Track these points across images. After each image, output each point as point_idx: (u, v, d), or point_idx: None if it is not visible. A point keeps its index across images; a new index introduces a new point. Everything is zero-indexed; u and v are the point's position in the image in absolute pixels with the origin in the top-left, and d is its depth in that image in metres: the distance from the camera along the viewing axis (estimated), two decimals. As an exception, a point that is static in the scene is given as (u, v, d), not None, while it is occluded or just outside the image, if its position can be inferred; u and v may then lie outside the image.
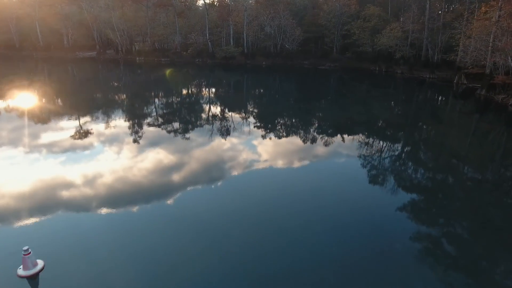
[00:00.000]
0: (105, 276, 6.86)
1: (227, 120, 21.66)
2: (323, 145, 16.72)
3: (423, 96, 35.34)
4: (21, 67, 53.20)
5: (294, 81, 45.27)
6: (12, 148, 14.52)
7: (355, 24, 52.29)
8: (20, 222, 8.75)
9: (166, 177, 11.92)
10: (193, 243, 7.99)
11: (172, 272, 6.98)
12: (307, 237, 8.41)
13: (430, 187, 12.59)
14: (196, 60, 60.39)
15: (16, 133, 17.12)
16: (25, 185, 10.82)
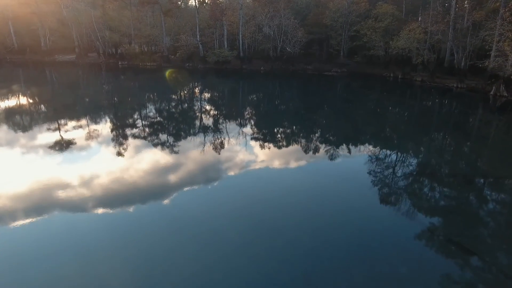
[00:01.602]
0: (100, 277, 6.81)
1: (220, 131, 18.98)
2: (324, 156, 15.26)
3: (449, 108, 29.35)
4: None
5: (296, 89, 39.16)
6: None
7: (365, 25, 46.18)
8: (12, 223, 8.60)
9: (158, 180, 11.76)
10: (189, 244, 7.98)
11: (167, 274, 6.94)
12: (304, 239, 8.30)
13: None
14: (186, 64, 54.06)
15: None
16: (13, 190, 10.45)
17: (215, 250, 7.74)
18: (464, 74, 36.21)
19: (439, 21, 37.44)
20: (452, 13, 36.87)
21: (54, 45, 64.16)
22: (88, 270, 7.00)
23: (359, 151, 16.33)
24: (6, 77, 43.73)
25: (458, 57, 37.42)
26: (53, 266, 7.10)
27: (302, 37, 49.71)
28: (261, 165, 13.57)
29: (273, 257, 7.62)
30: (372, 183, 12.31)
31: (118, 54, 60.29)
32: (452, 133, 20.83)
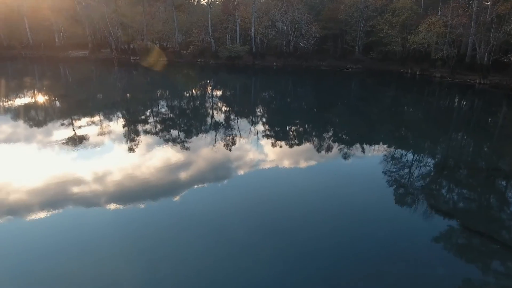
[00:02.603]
0: (109, 272, 6.75)
1: (232, 128, 18.52)
2: (337, 156, 14.61)
3: (470, 105, 28.20)
4: (9, 67, 48.11)
5: (309, 85, 38.33)
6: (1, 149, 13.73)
7: (382, 19, 44.82)
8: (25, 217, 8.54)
9: (169, 177, 11.48)
10: (197, 242, 7.77)
11: (174, 271, 6.83)
12: (315, 240, 7.98)
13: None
14: (197, 60, 53.66)
15: (11, 135, 16.03)
16: (25, 184, 10.29)
17: (223, 249, 7.58)
18: (487, 69, 34.68)
19: (460, 14, 35.95)
20: (474, 5, 35.32)
21: (68, 41, 64.63)
22: (98, 265, 6.87)
23: (373, 150, 15.59)
24: (22, 72, 44.20)
25: (481, 51, 35.83)
26: (64, 260, 6.98)
27: (316, 33, 48.62)
28: (272, 164, 13.10)
29: (281, 258, 7.35)
30: (387, 183, 11.76)
31: (130, 50, 60.32)
32: (474, 132, 19.81)
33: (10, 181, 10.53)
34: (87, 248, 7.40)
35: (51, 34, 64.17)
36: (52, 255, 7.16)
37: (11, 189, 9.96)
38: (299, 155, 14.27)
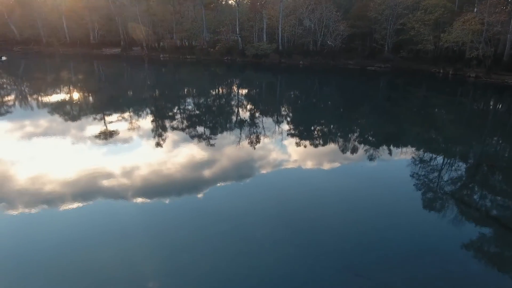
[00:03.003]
0: (131, 263, 7.01)
1: (255, 125, 19.00)
2: (363, 157, 14.31)
3: (508, 107, 26.80)
4: (48, 63, 50.82)
5: (335, 84, 37.92)
6: (39, 142, 14.56)
7: (413, 17, 43.44)
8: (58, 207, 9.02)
9: (193, 173, 11.79)
10: (217, 239, 7.90)
11: (194, 265, 6.97)
12: (337, 243, 7.98)
13: None
14: (224, 58, 54.34)
15: (47, 128, 16.97)
16: (59, 176, 10.96)
17: (242, 247, 7.67)
18: (526, 70, 32.88)
19: (498, 11, 34.21)
20: (514, 3, 33.52)
21: (102, 39, 67.40)
22: (121, 256, 7.14)
23: (401, 153, 15.20)
24: (59, 68, 46.61)
25: (520, 51, 34.01)
26: (91, 249, 7.31)
27: (344, 31, 47.89)
28: (295, 164, 13.07)
29: (300, 259, 7.34)
30: (415, 186, 11.45)
31: (160, 48, 61.96)
32: (511, 136, 18.90)
33: (45, 172, 11.20)
34: (113, 238, 7.78)
35: (86, 32, 67.13)
36: (81, 243, 7.57)
37: (46, 180, 10.61)
38: (323, 156, 14.17)
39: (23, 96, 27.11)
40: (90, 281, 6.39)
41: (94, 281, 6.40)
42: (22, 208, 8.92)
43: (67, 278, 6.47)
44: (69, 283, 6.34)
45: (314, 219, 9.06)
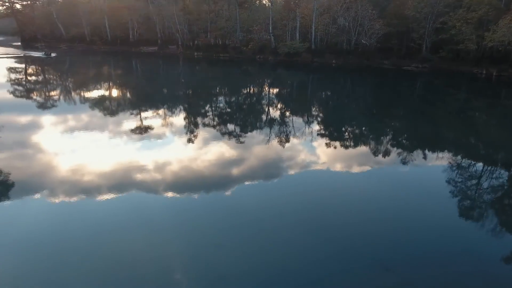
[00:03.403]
0: (158, 255, 7.25)
1: (286, 124, 19.22)
2: (396, 161, 13.86)
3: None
4: (90, 60, 53.86)
5: (369, 84, 37.04)
6: (80, 135, 15.54)
7: (455, 15, 41.38)
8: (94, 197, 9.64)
9: (223, 171, 12.03)
10: (243, 237, 8.07)
11: (218, 260, 7.11)
12: (365, 240, 8.02)
13: None
14: (257, 56, 54.73)
15: (88, 123, 18.04)
16: (96, 167, 11.75)
17: (269, 244, 7.72)
18: None
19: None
20: None
21: (140, 37, 70.12)
22: (150, 247, 7.46)
23: (437, 158, 14.60)
24: (100, 65, 49.29)
25: None
26: (121, 239, 7.74)
27: (380, 30, 46.57)
28: (324, 166, 12.97)
29: (329, 254, 7.40)
30: (451, 193, 11.03)
31: (194, 46, 63.48)
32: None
33: (84, 164, 11.96)
34: (142, 230, 8.18)
35: (126, 31, 70.15)
36: (112, 233, 8.04)
37: (85, 172, 11.36)
38: (353, 159, 13.96)
39: (67, 91, 29.03)
40: (118, 270, 6.81)
41: (122, 270, 6.81)
42: (61, 197, 9.63)
43: (96, 265, 6.91)
44: (98, 270, 6.78)
45: (343, 216, 9.14)
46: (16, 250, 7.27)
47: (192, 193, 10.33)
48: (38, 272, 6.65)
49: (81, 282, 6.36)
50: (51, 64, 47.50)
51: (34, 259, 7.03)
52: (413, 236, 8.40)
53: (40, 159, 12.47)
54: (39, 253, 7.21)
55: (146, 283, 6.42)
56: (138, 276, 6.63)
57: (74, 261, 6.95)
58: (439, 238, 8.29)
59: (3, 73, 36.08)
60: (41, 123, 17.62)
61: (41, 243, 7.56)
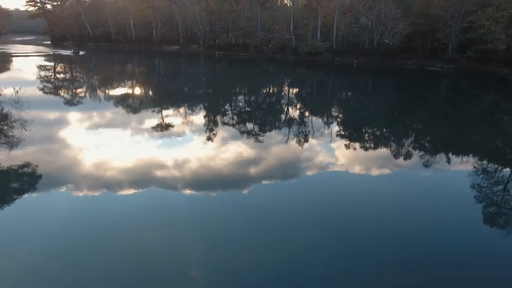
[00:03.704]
0: (175, 250, 7.49)
1: (304, 124, 19.26)
2: (416, 164, 13.48)
3: None
4: (116, 59, 55.57)
5: (391, 85, 36.36)
6: (104, 132, 16.18)
7: (484, 14, 39.87)
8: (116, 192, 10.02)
9: (240, 170, 12.22)
10: (259, 235, 8.13)
11: (234, 257, 7.20)
12: (387, 240, 8.00)
13: None
14: (277, 56, 54.71)
15: (108, 119, 18.75)
16: (119, 162, 12.26)
17: (283, 245, 7.75)
18: None
19: None
20: None
21: (163, 37, 71.58)
22: (167, 242, 7.69)
23: (461, 162, 14.09)
24: (124, 63, 50.75)
25: None
26: (140, 233, 8.03)
27: (403, 29, 45.51)
28: (343, 167, 12.83)
29: (349, 253, 7.37)
30: (475, 198, 10.72)
31: (215, 45, 64.17)
32: None
33: (107, 159, 12.46)
34: (160, 224, 8.45)
35: (150, 31, 71.83)
36: (132, 226, 8.36)
37: (108, 167, 11.85)
38: (373, 160, 13.74)
39: (92, 88, 30.10)
40: (136, 260, 7.08)
41: (140, 260, 7.08)
42: (85, 190, 10.06)
43: (115, 256, 7.23)
44: (116, 260, 7.10)
45: (362, 216, 9.13)
46: (41, 238, 7.70)
47: (210, 191, 10.53)
48: (60, 260, 7.02)
49: (101, 272, 6.67)
50: (79, 62, 49.33)
51: (57, 246, 7.43)
52: (435, 237, 8.30)
53: (65, 153, 13.07)
54: (61, 242, 7.61)
55: (163, 275, 6.66)
56: (155, 267, 6.88)
57: (93, 251, 7.28)
58: (462, 240, 8.19)
59: (34, 71, 37.79)
60: (67, 119, 18.42)
61: (64, 232, 7.97)
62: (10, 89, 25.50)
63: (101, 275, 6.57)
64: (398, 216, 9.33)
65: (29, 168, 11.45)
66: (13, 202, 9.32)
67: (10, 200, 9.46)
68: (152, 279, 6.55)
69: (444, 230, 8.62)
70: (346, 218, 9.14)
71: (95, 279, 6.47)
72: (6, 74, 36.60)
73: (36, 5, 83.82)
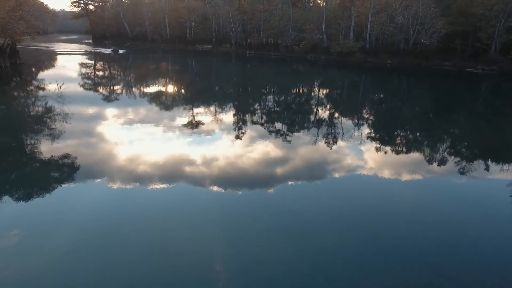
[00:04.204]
0: (199, 245, 7.61)
1: (334, 125, 18.94)
2: (452, 172, 12.85)
3: None
4: (151, 57, 57.69)
5: (427, 87, 34.95)
6: (137, 128, 16.85)
7: (532, 13, 37.35)
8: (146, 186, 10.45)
9: (267, 169, 12.36)
10: (284, 235, 8.14)
11: (258, 256, 7.31)
12: (416, 243, 7.87)
13: None
14: (308, 55, 54.32)
15: (142, 116, 19.53)
16: (150, 157, 12.70)
17: (305, 244, 7.79)
18: None
19: None
20: None
21: (196, 36, 73.29)
22: (191, 238, 7.95)
23: (501, 170, 13.27)
24: (159, 61, 52.52)
25: None
26: (165, 227, 8.35)
27: (442, 28, 43.60)
28: (373, 170, 12.50)
29: (376, 264, 7.18)
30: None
31: (247, 45, 64.77)
32: None
33: (139, 154, 13.00)
34: (186, 220, 8.70)
35: (184, 30, 73.80)
36: (158, 220, 8.66)
37: (140, 161, 12.39)
38: (404, 165, 13.30)
39: (128, 85, 31.48)
40: (160, 249, 7.40)
41: (164, 249, 7.39)
42: (118, 182, 10.62)
43: (142, 243, 7.57)
44: (143, 247, 7.41)
45: (393, 219, 8.99)
46: (76, 223, 8.27)
47: (236, 188, 10.72)
48: (92, 244, 7.50)
49: (128, 256, 7.07)
50: (117, 60, 51.73)
51: (90, 232, 7.95)
52: (469, 243, 8.05)
53: (101, 147, 13.86)
54: (94, 227, 8.13)
55: (186, 263, 6.97)
56: (179, 255, 7.21)
57: (123, 238, 7.73)
58: (498, 248, 7.90)
59: (76, 68, 40.11)
60: (104, 114, 19.45)
61: (97, 219, 8.53)
62: (54, 85, 27.28)
63: (128, 260, 6.97)
64: (429, 220, 9.07)
65: (68, 159, 12.26)
66: (53, 190, 10.03)
67: (51, 188, 10.20)
68: (175, 266, 6.87)
69: (478, 238, 8.31)
70: (374, 219, 8.99)
71: (122, 262, 6.90)
72: (51, 71, 39.20)
73: (80, 6, 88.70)
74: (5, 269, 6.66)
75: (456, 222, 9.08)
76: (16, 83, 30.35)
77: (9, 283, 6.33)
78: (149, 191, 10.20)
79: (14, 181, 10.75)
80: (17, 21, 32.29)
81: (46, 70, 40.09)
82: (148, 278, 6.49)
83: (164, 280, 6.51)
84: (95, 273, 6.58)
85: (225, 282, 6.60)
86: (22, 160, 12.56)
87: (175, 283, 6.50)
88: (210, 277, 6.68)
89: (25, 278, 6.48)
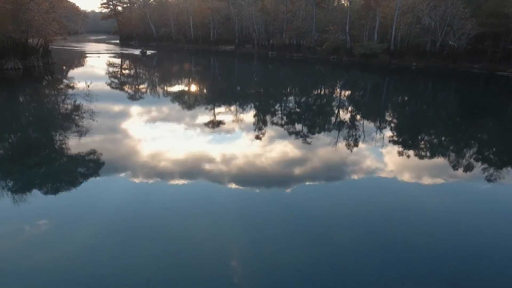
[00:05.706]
0: (217, 243, 7.72)
1: (355, 128, 18.74)
2: (479, 178, 12.46)
3: None
4: (174, 57, 58.97)
5: (454, 90, 33.86)
6: (160, 125, 17.31)
7: None
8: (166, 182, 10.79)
9: (286, 169, 12.40)
10: (298, 233, 8.23)
11: (274, 256, 7.34)
12: (431, 251, 7.63)
13: None
14: (330, 57, 53.78)
15: (165, 114, 20.12)
16: (171, 155, 13.12)
17: (322, 246, 7.78)
18: None
19: None
20: None
21: (219, 37, 74.16)
22: (209, 234, 8.08)
23: None
24: (183, 61, 53.55)
25: None
26: (184, 223, 8.56)
27: (472, 30, 42.05)
28: (391, 174, 12.24)
29: (390, 270, 7.09)
30: None
31: (269, 45, 64.88)
32: None
33: (161, 151, 13.35)
34: (204, 217, 8.86)
35: (207, 31, 74.84)
36: (177, 215, 8.86)
37: (161, 158, 12.72)
38: (426, 170, 12.94)
39: (153, 84, 32.32)
40: (178, 245, 7.58)
41: (182, 245, 7.57)
42: (140, 178, 10.97)
43: (162, 238, 7.78)
44: (162, 242, 7.64)
45: (408, 225, 8.82)
46: (100, 217, 8.63)
47: (254, 186, 10.83)
48: (114, 238, 7.80)
49: (147, 251, 7.31)
50: (143, 60, 53.08)
51: (113, 226, 8.29)
52: (486, 253, 7.79)
53: (126, 143, 14.36)
54: (117, 222, 8.47)
55: (203, 260, 7.12)
56: (196, 252, 7.38)
57: (143, 233, 7.98)
58: None
59: (104, 67, 41.55)
60: (129, 112, 20.11)
61: (120, 214, 8.86)
62: (83, 83, 28.40)
63: (146, 254, 7.19)
64: (453, 229, 8.80)
65: (94, 155, 12.77)
66: (78, 185, 10.48)
67: (77, 182, 10.65)
68: (192, 264, 7.02)
69: (497, 248, 8.03)
70: (394, 225, 8.82)
71: (141, 257, 7.12)
72: (81, 70, 40.87)
73: (109, 7, 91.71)
74: (34, 255, 7.07)
75: (480, 232, 8.75)
76: (47, 81, 31.81)
77: (36, 268, 6.71)
78: (169, 187, 10.48)
79: (44, 175, 11.34)
80: (50, 22, 33.80)
81: (76, 69, 41.76)
82: (165, 274, 6.67)
83: (180, 276, 6.68)
84: (115, 267, 6.84)
85: (239, 282, 6.66)
86: (51, 156, 13.21)
87: (191, 280, 6.63)
88: (225, 276, 6.75)
89: (50, 266, 6.85)
